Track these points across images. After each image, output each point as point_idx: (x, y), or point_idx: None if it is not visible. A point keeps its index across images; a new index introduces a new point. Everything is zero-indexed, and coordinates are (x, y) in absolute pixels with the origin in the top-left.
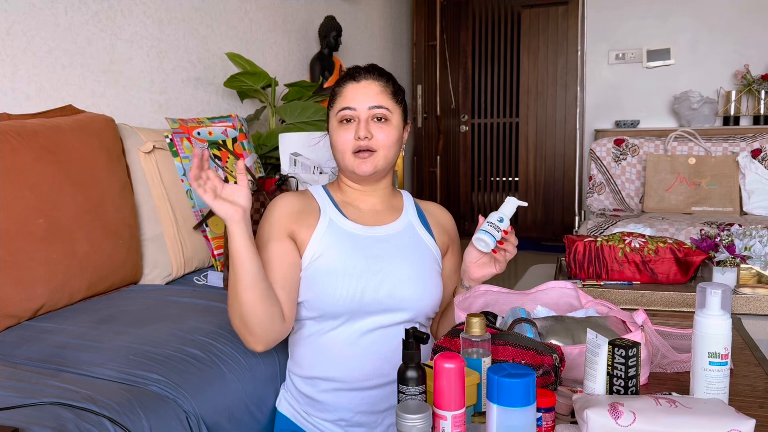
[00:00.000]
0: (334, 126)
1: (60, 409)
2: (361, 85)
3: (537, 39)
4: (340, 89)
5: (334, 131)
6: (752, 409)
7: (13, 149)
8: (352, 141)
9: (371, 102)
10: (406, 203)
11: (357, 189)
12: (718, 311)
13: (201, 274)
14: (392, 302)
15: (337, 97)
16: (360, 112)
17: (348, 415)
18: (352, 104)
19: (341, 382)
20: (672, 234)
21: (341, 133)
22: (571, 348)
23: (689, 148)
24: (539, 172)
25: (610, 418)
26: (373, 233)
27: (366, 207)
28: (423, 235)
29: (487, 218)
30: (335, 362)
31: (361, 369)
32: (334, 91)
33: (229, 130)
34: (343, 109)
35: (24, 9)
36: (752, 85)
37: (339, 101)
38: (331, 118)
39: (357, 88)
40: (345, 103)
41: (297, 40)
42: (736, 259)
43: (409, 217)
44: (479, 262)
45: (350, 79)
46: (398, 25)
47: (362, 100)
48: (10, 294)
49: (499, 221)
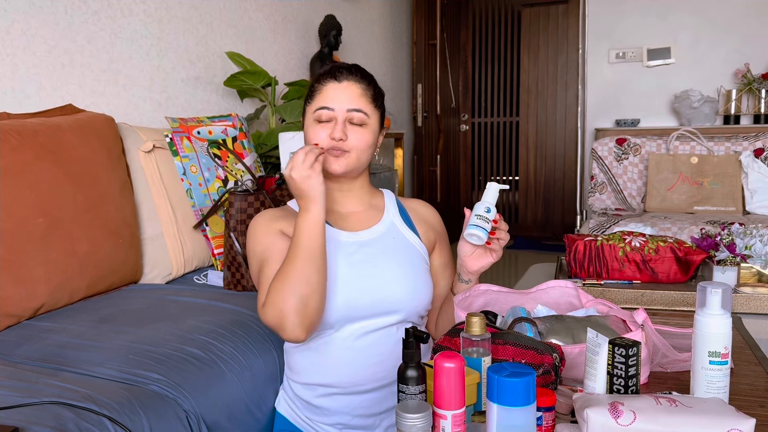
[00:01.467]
0: (309, 122)
1: (60, 409)
2: (342, 85)
3: (537, 38)
4: (320, 86)
5: (309, 128)
6: (752, 409)
7: (13, 148)
8: (327, 139)
9: (350, 104)
10: (387, 203)
11: (332, 189)
12: (718, 310)
13: (201, 274)
14: (383, 305)
15: (316, 95)
16: (338, 112)
17: (346, 418)
18: (330, 104)
19: (338, 387)
20: (674, 234)
21: (317, 131)
22: (571, 347)
23: (691, 147)
24: (539, 172)
25: (611, 417)
26: (355, 238)
27: (345, 210)
28: (407, 234)
29: (473, 210)
30: (331, 368)
31: (357, 373)
32: (313, 87)
33: (229, 129)
34: (321, 108)
35: (24, 8)
36: (753, 84)
37: (318, 99)
38: (308, 114)
39: (337, 89)
40: (323, 103)
41: (297, 39)
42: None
43: (391, 218)
44: (474, 254)
45: (331, 77)
46: (398, 24)
47: (341, 101)
48: (10, 293)
49: (486, 212)
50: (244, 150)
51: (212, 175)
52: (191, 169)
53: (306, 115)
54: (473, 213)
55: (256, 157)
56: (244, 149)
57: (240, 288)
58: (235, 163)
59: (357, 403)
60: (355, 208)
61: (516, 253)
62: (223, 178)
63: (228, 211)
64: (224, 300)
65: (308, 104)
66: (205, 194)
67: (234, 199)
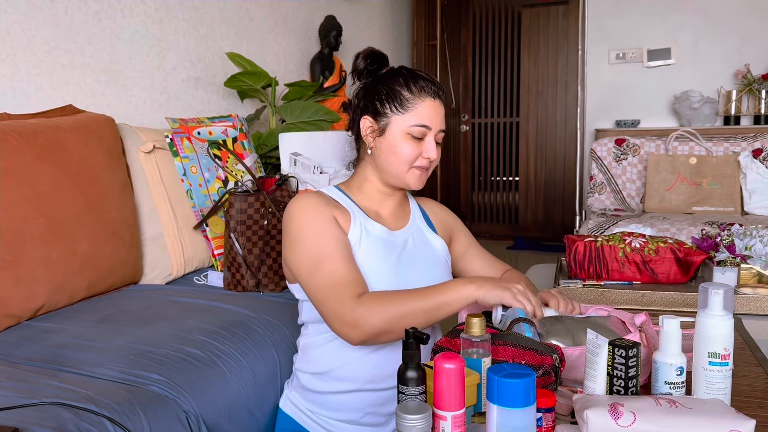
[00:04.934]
0: (400, 133)
1: (60, 409)
2: (437, 104)
3: (537, 38)
4: (419, 101)
5: (401, 139)
6: (752, 410)
7: (13, 149)
8: (418, 157)
9: (442, 125)
10: (411, 206)
11: (385, 193)
12: (719, 311)
13: (201, 274)
14: None
15: (412, 108)
16: (433, 132)
17: (357, 415)
18: (430, 124)
19: (355, 382)
20: (673, 234)
21: (411, 146)
22: (572, 349)
23: (690, 147)
24: (540, 172)
25: (610, 418)
26: (394, 238)
27: (386, 212)
28: (431, 237)
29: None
30: (354, 363)
31: (378, 370)
32: (404, 96)
33: (229, 129)
34: (421, 125)
35: (24, 8)
36: (753, 84)
37: (416, 114)
38: (398, 122)
39: (436, 108)
40: (423, 121)
41: (297, 39)
42: (736, 258)
43: (417, 221)
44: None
45: (431, 95)
46: (399, 24)
47: (437, 122)
48: (10, 294)
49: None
50: (245, 150)
51: (212, 176)
52: (191, 170)
53: (394, 123)
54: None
55: (256, 158)
56: (244, 150)
57: (240, 288)
58: (236, 164)
59: (371, 400)
60: (393, 210)
61: (516, 254)
62: (224, 179)
63: (228, 212)
64: (224, 300)
65: (398, 113)
66: (205, 195)
67: (234, 200)
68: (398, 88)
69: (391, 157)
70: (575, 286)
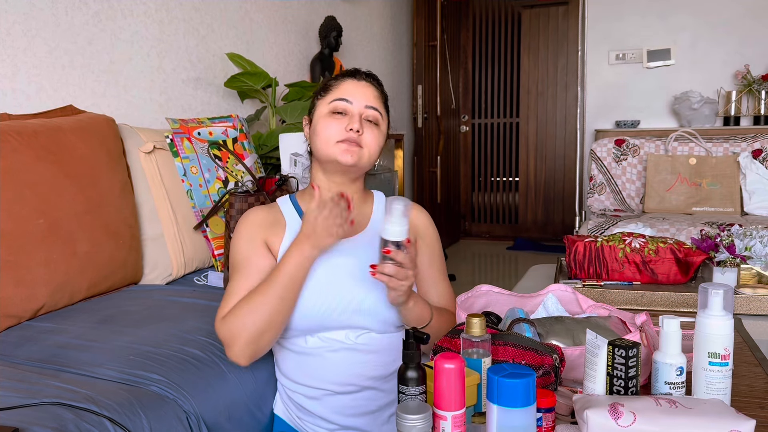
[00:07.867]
0: (322, 114)
1: (60, 410)
2: (361, 84)
3: (537, 39)
4: (338, 82)
5: (323, 119)
6: (752, 410)
7: (13, 149)
8: (341, 132)
9: (368, 102)
10: (376, 209)
11: (333, 185)
12: (719, 312)
13: (201, 275)
14: (359, 316)
15: (333, 89)
16: (355, 107)
17: (339, 418)
18: (349, 98)
19: (324, 390)
20: (673, 234)
21: (331, 122)
22: (572, 350)
23: (690, 148)
24: (539, 173)
25: (610, 418)
26: (336, 246)
27: None
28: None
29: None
30: (315, 370)
31: (343, 374)
32: (328, 83)
33: (229, 130)
34: (339, 99)
35: (24, 9)
36: (752, 85)
37: (335, 92)
38: (320, 105)
39: (357, 86)
40: (342, 95)
41: (297, 40)
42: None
43: (375, 228)
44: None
45: (351, 76)
46: (398, 25)
47: (360, 98)
48: (10, 294)
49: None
50: (245, 151)
51: (212, 176)
52: (192, 170)
53: (317, 108)
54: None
55: (256, 158)
56: (244, 150)
57: None
58: (236, 164)
59: (346, 403)
60: None
61: (516, 254)
62: (224, 179)
63: (228, 212)
64: None
65: (321, 98)
66: (205, 195)
67: (234, 200)
68: (326, 81)
69: (317, 138)
70: (575, 286)
